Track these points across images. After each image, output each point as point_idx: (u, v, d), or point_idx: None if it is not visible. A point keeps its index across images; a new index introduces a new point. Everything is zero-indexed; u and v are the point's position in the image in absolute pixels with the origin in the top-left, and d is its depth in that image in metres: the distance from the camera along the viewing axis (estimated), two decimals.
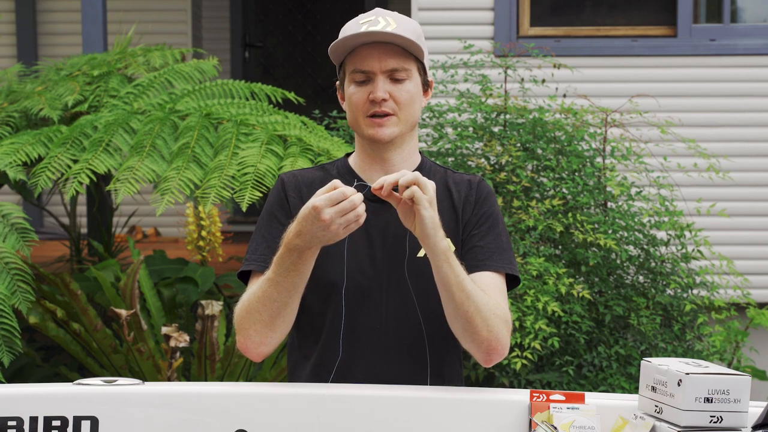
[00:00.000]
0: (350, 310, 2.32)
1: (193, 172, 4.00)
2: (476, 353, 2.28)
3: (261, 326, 2.25)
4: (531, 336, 4.15)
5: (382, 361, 2.32)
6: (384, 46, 2.30)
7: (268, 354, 2.30)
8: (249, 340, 2.27)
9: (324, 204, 2.10)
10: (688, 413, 1.96)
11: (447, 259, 2.19)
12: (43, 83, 4.80)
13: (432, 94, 2.44)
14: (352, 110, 2.34)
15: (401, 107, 2.31)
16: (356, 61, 2.31)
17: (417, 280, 2.32)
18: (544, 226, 4.48)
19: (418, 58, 2.34)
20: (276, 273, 2.22)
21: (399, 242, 2.32)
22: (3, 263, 3.81)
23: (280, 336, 2.28)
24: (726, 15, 5.94)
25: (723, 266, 4.88)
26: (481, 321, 2.22)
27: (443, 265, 2.19)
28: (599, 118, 4.93)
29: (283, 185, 2.40)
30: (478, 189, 2.40)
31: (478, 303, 2.22)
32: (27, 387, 2.29)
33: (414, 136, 2.41)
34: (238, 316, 2.29)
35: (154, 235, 7.19)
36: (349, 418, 2.18)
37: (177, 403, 2.21)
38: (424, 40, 2.36)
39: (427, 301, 2.32)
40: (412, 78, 2.33)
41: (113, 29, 6.28)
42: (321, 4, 8.71)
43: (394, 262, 2.32)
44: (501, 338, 2.26)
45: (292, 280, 2.21)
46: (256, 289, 2.26)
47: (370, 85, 2.31)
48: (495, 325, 2.24)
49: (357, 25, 2.32)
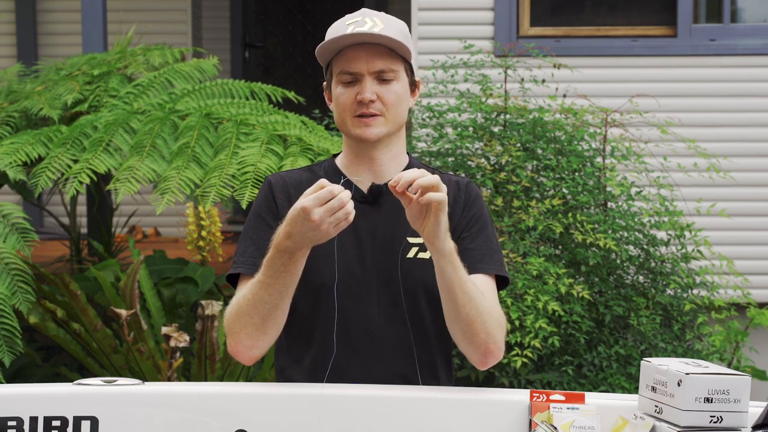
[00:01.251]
0: (340, 312, 2.32)
1: (193, 172, 4.00)
2: (473, 356, 2.29)
3: (252, 329, 2.24)
4: (531, 335, 4.15)
5: (374, 361, 2.32)
6: (371, 47, 2.29)
7: (259, 357, 2.29)
8: (240, 344, 2.26)
9: (313, 204, 2.09)
10: (688, 413, 1.97)
11: (452, 261, 2.19)
12: (43, 83, 4.79)
13: (422, 93, 2.46)
14: (339, 111, 2.34)
15: (388, 108, 2.31)
16: (343, 62, 2.31)
17: (406, 280, 2.32)
18: (544, 226, 4.48)
19: (405, 59, 2.34)
20: (266, 275, 2.21)
21: (387, 243, 2.32)
22: (3, 264, 3.81)
23: (271, 339, 2.28)
24: (726, 15, 5.94)
25: (723, 266, 4.88)
26: (480, 324, 2.24)
27: (447, 267, 2.19)
28: (599, 118, 4.93)
29: (270, 187, 2.40)
30: (466, 191, 2.40)
31: (478, 305, 2.23)
32: (27, 387, 2.29)
33: (401, 136, 2.41)
34: (228, 320, 2.28)
35: (154, 235, 7.19)
36: (348, 418, 2.18)
37: (177, 403, 2.21)
38: (410, 41, 2.36)
39: (417, 301, 2.33)
40: (400, 79, 2.33)
41: (113, 29, 6.28)
42: (321, 4, 8.71)
43: (383, 263, 2.32)
44: (498, 341, 2.27)
45: (283, 281, 2.20)
46: (246, 293, 2.25)
47: (358, 86, 2.30)
48: (493, 328, 2.25)
49: (343, 26, 2.31)
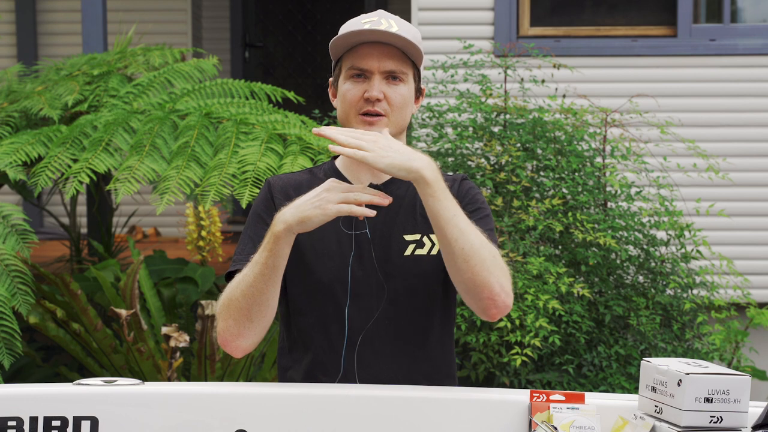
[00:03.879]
0: (340, 311, 2.32)
1: (193, 171, 4.00)
2: (478, 302, 2.20)
3: (238, 314, 2.24)
4: (531, 334, 4.15)
5: (373, 360, 2.32)
6: (385, 46, 2.30)
7: (247, 349, 2.28)
8: (227, 332, 2.26)
9: (336, 187, 2.16)
10: (688, 413, 1.97)
11: (433, 194, 2.15)
12: (43, 83, 4.79)
13: (425, 98, 2.44)
14: (344, 106, 2.34)
15: (394, 109, 2.31)
16: (355, 58, 2.31)
17: (405, 279, 2.32)
18: (544, 225, 4.48)
19: (415, 64, 2.35)
20: (255, 256, 2.23)
21: (385, 242, 2.32)
22: (3, 265, 3.81)
23: (257, 329, 2.26)
24: (726, 15, 5.94)
25: (723, 266, 4.88)
26: (479, 261, 2.15)
27: (429, 200, 2.15)
28: (599, 118, 4.93)
29: (270, 188, 2.41)
30: (460, 185, 2.39)
31: (472, 241, 2.16)
32: (27, 387, 2.29)
33: (402, 140, 2.41)
34: (219, 308, 2.29)
35: (154, 235, 7.19)
36: (348, 418, 2.18)
37: (177, 403, 2.21)
38: (422, 48, 2.36)
39: (416, 300, 2.32)
40: (408, 83, 2.33)
41: (113, 29, 6.29)
42: (321, 4, 8.71)
43: (381, 261, 2.32)
44: (503, 283, 2.18)
45: (266, 261, 2.20)
46: (234, 280, 2.28)
47: (366, 83, 2.31)
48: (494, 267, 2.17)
49: (359, 23, 2.32)
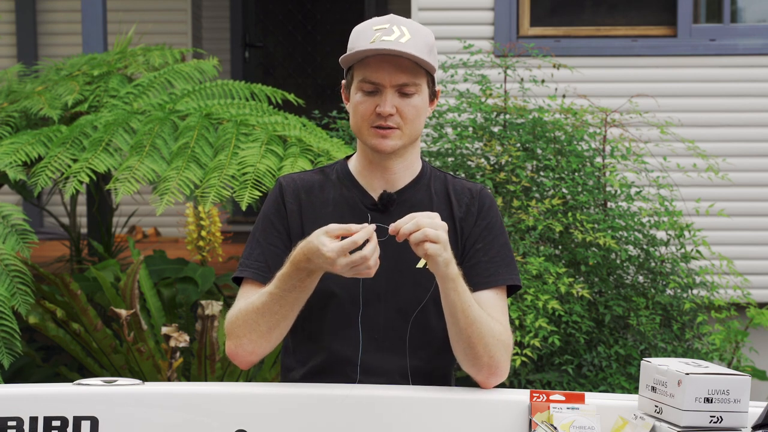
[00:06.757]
0: (349, 319, 2.32)
1: (193, 172, 4.00)
2: (476, 376, 2.30)
3: (257, 336, 2.25)
4: (531, 334, 4.15)
5: (381, 366, 2.32)
6: (396, 59, 2.26)
7: (256, 363, 2.30)
8: (241, 349, 2.26)
9: (335, 255, 2.10)
10: (688, 413, 1.97)
11: (455, 287, 2.20)
12: (43, 83, 4.79)
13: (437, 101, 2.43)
14: (356, 119, 2.32)
15: (406, 122, 2.29)
16: (366, 71, 2.28)
17: (414, 290, 2.32)
18: (543, 225, 4.48)
19: (428, 72, 2.32)
20: (280, 288, 2.21)
21: (396, 252, 2.30)
22: (3, 265, 3.81)
23: (272, 346, 2.28)
24: (726, 15, 5.94)
25: (723, 266, 4.87)
26: (483, 346, 2.24)
27: (451, 293, 2.20)
28: (599, 118, 4.93)
29: (281, 190, 2.38)
30: (479, 200, 2.38)
31: (481, 328, 2.23)
32: (27, 387, 2.29)
33: (416, 146, 2.40)
34: (232, 323, 2.27)
35: (154, 235, 7.19)
36: (348, 418, 2.18)
37: (177, 403, 2.21)
38: (436, 52, 2.33)
39: (425, 310, 2.33)
40: (421, 92, 2.30)
41: (113, 29, 6.28)
42: (321, 4, 8.71)
43: (391, 271, 2.31)
44: (501, 364, 2.28)
45: (297, 295, 2.21)
46: (255, 300, 2.25)
47: (378, 96, 2.28)
48: (496, 351, 2.26)
49: (370, 31, 2.28)
